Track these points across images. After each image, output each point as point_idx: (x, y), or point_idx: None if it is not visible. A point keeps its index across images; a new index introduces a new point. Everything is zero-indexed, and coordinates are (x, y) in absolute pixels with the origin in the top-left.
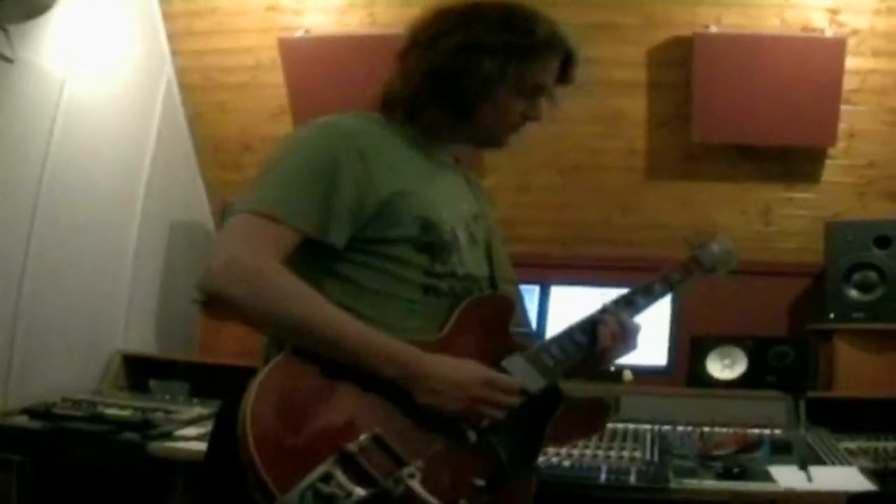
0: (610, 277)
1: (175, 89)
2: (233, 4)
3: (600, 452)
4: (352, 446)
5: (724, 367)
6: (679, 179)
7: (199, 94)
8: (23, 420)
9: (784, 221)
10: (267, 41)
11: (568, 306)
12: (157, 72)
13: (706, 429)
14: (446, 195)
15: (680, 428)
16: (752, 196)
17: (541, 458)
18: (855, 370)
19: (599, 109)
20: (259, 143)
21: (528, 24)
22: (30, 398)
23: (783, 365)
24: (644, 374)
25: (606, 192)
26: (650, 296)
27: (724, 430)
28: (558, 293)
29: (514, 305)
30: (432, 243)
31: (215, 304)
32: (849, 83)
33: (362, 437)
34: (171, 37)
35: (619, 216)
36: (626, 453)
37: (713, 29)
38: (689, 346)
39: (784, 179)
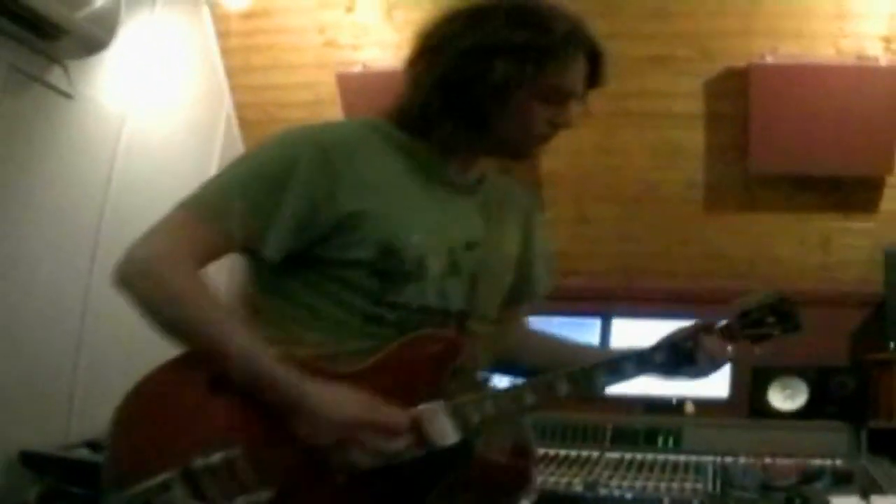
0: (671, 309)
1: (234, 125)
2: (290, 40)
3: (662, 484)
4: (199, 462)
5: (785, 397)
6: (737, 211)
7: (259, 129)
8: (85, 453)
9: (843, 251)
10: (325, 76)
11: (629, 339)
12: (217, 107)
13: (767, 460)
14: (429, 219)
15: (741, 459)
16: (810, 226)
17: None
18: None
19: (657, 142)
20: None
21: (545, 20)
22: (92, 431)
23: (844, 395)
24: (706, 406)
25: (665, 223)
26: (641, 366)
27: (786, 460)
28: (619, 326)
29: (460, 348)
30: (388, 271)
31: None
32: None
33: (216, 454)
34: (230, 72)
35: (678, 248)
36: (688, 485)
37: (768, 59)
38: (751, 376)
39: (842, 209)
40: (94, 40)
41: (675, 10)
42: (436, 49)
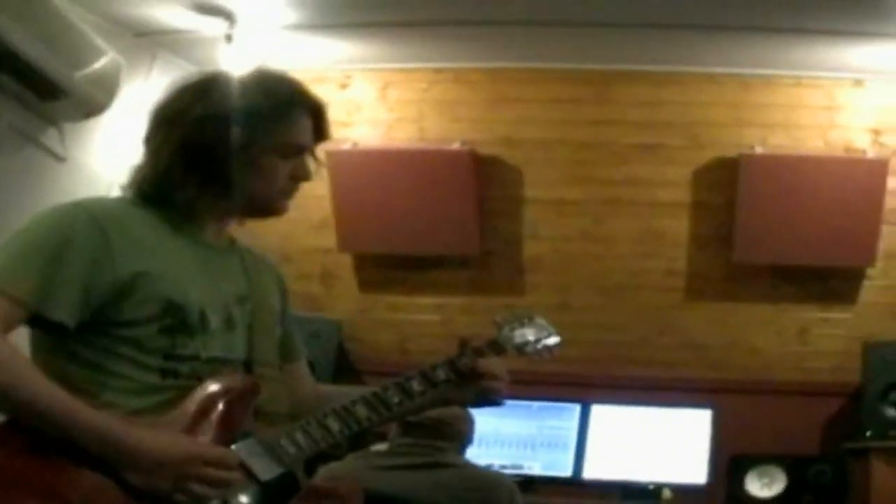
0: (648, 398)
1: None
2: None
3: None
4: None
5: (762, 485)
6: (718, 300)
7: None
8: None
9: (820, 341)
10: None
11: (608, 425)
12: None
13: None
14: (201, 277)
15: None
16: (788, 316)
17: None
18: (891, 488)
19: (642, 229)
20: (299, 255)
21: (268, 85)
22: None
23: (821, 483)
24: (684, 492)
25: (646, 311)
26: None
27: None
28: (598, 412)
29: (256, 388)
30: (175, 326)
31: None
32: (890, 202)
33: None
34: None
35: (656, 336)
36: None
37: (758, 150)
38: (729, 464)
39: (821, 300)
40: (92, 103)
41: (666, 98)
42: (172, 121)
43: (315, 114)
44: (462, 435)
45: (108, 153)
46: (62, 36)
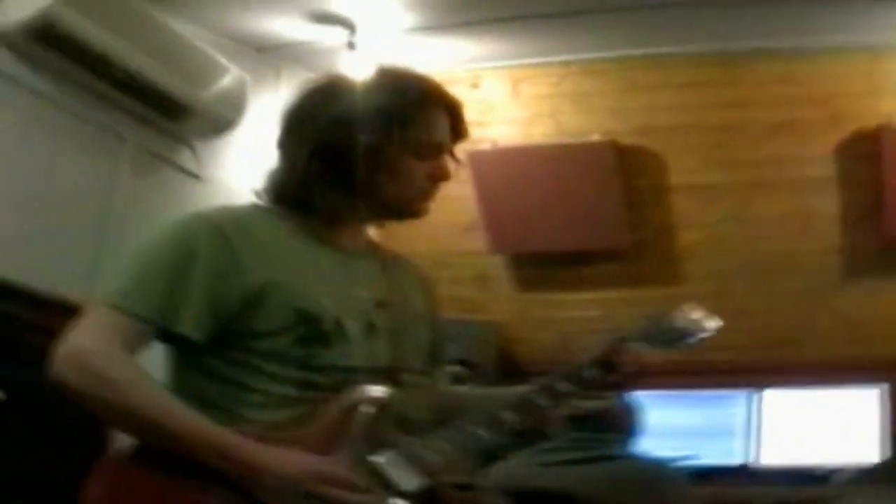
0: (814, 380)
1: None
2: None
3: None
4: None
5: None
6: (875, 276)
7: None
8: None
9: None
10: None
11: (775, 411)
12: None
13: None
14: (336, 283)
15: None
16: None
17: None
18: None
19: (791, 209)
20: (453, 258)
21: (400, 83)
22: None
23: None
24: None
25: (804, 292)
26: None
27: None
28: (770, 397)
29: (397, 397)
30: (309, 335)
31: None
32: None
33: None
34: None
35: (816, 316)
36: None
37: None
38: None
39: None
40: (221, 120)
41: (800, 73)
42: (304, 123)
43: (451, 112)
44: (629, 426)
45: (243, 168)
46: (184, 57)
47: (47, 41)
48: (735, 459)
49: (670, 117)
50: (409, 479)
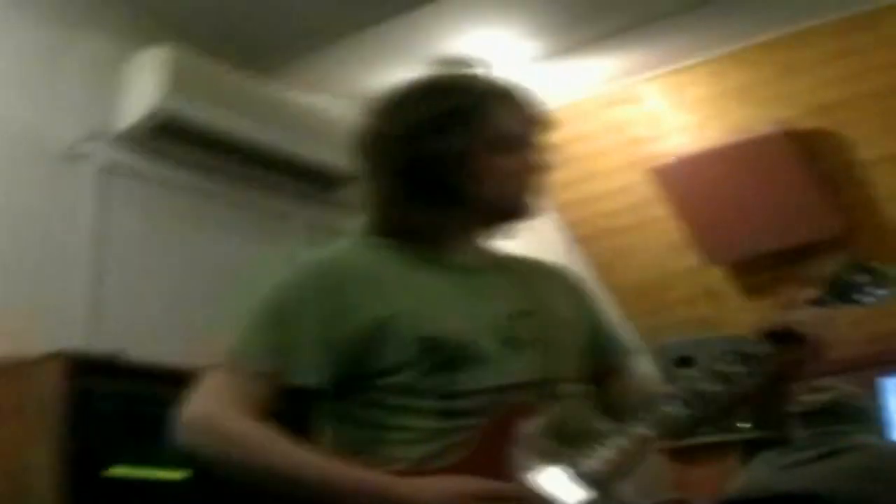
0: None
1: (571, 244)
2: (593, 147)
3: None
4: None
5: None
6: None
7: (595, 244)
8: None
9: None
10: (639, 175)
11: None
12: (548, 230)
13: None
14: (462, 303)
15: None
16: None
17: None
18: None
19: None
20: (675, 279)
21: (461, 83)
22: None
23: None
24: None
25: None
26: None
27: None
28: None
29: (544, 410)
30: (440, 363)
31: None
32: None
33: None
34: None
35: None
36: None
37: None
38: None
39: None
40: None
41: None
42: (376, 147)
43: (519, 100)
44: (865, 412)
45: None
46: (319, 125)
47: (172, 134)
48: None
49: (836, 92)
50: (572, 493)
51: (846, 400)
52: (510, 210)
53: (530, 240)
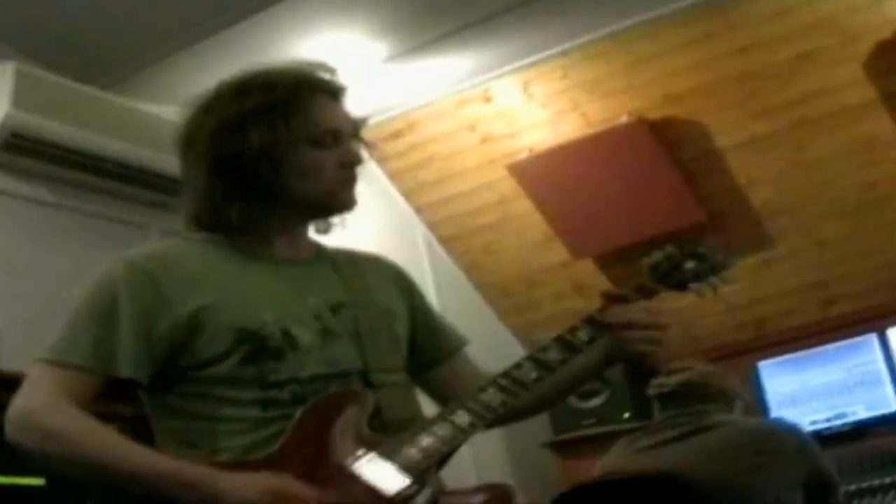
0: None
1: (436, 245)
2: (448, 147)
3: None
4: None
5: None
6: None
7: (461, 243)
8: None
9: None
10: (497, 172)
11: None
12: (411, 233)
13: None
14: (279, 295)
15: None
16: None
17: None
18: None
19: (849, 140)
20: (543, 275)
21: (269, 80)
22: None
23: None
24: None
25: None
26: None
27: None
28: None
29: (365, 400)
30: (256, 353)
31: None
32: None
33: None
34: (406, 195)
35: None
36: None
37: None
38: None
39: None
40: None
41: (793, 3)
42: (190, 145)
43: (333, 94)
44: (723, 391)
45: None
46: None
47: (21, 149)
48: (890, 407)
49: (689, 80)
50: (392, 482)
51: (703, 379)
52: (329, 204)
53: (393, 242)
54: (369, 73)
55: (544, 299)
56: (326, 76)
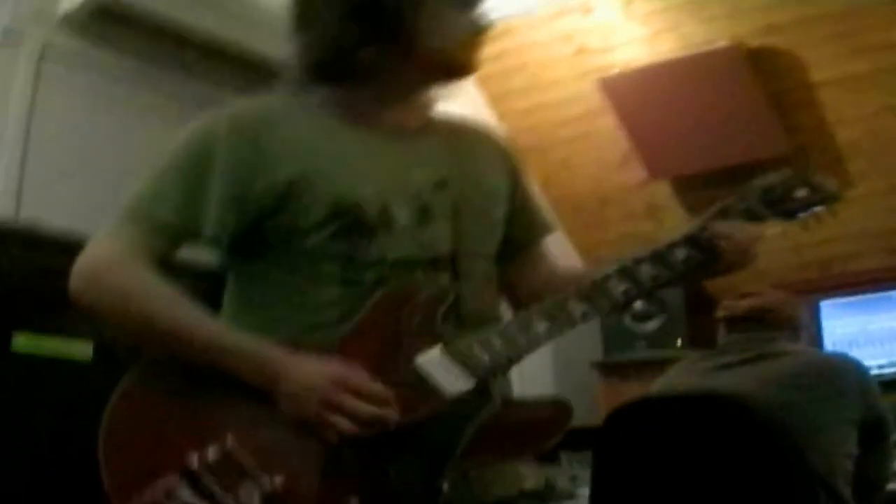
0: None
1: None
2: (541, 55)
3: None
4: (194, 462)
5: None
6: None
7: (540, 155)
8: None
9: None
10: (587, 86)
11: None
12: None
13: None
14: (381, 168)
15: None
16: None
17: None
18: None
19: None
20: (617, 194)
21: None
22: None
23: None
24: None
25: None
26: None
27: None
28: None
29: (447, 291)
30: (349, 228)
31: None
32: None
33: (210, 449)
34: (492, 101)
35: None
36: None
37: None
38: None
39: None
40: None
41: None
42: None
43: None
44: (791, 320)
45: None
46: (272, 19)
47: (114, 18)
48: None
49: (793, 11)
50: (455, 381)
51: (774, 306)
52: (456, 63)
53: None
54: None
55: (614, 219)
56: None
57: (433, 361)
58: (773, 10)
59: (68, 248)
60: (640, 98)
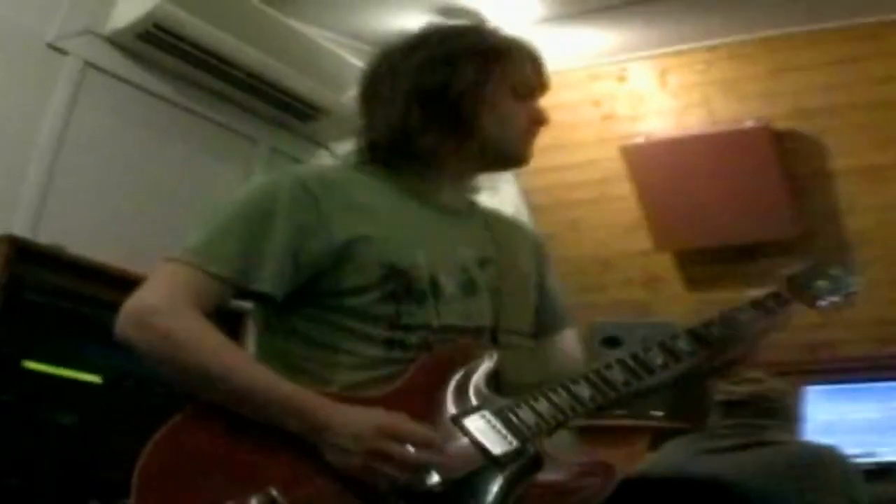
0: None
1: (524, 211)
2: (568, 117)
3: None
4: None
5: None
6: None
7: (549, 214)
8: None
9: None
10: (608, 152)
11: None
12: (501, 195)
13: None
14: (433, 240)
15: None
16: None
17: None
18: None
19: None
20: (620, 260)
21: (485, 30)
22: None
23: None
24: None
25: None
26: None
27: None
28: None
29: (492, 357)
30: (399, 292)
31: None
32: None
33: (252, 499)
34: None
35: None
36: None
37: None
38: None
39: None
40: (354, 122)
41: None
42: (396, 71)
43: (534, 59)
44: (789, 410)
45: None
46: (311, 57)
47: (159, 42)
48: None
49: (824, 98)
50: (501, 442)
51: (771, 394)
52: (512, 153)
53: (481, 198)
54: (519, 30)
55: (612, 284)
56: (527, 40)
57: (478, 421)
58: (803, 94)
59: (90, 273)
60: (658, 168)
